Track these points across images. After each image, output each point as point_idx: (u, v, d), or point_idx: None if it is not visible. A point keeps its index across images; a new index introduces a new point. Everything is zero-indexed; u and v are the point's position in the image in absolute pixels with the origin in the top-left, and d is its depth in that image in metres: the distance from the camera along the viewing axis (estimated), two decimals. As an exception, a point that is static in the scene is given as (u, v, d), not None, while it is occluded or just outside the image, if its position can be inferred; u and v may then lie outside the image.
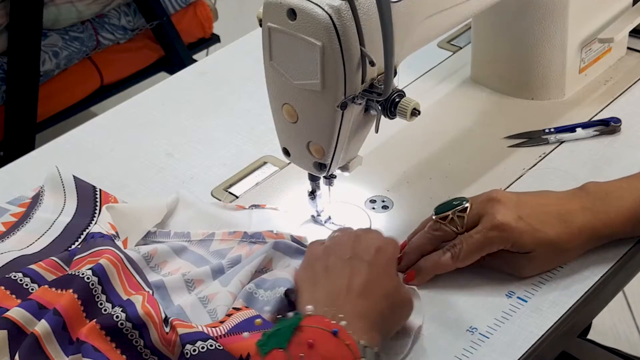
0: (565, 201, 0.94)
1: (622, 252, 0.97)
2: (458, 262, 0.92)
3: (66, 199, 1.05)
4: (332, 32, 0.84)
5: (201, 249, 1.00)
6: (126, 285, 0.91)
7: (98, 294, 0.88)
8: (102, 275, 0.89)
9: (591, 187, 0.96)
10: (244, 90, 1.29)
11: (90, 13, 2.22)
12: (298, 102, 0.91)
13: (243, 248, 0.98)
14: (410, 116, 0.89)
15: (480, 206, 0.93)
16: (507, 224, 0.90)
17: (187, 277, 0.95)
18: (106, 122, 1.26)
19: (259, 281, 0.91)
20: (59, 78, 2.22)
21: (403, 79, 1.06)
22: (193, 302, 0.91)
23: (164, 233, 1.02)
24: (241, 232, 1.00)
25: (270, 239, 0.97)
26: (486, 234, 0.91)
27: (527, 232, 0.91)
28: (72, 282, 0.88)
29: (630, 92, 1.21)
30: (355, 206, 1.06)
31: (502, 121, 1.18)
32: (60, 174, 1.07)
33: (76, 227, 1.02)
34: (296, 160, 0.98)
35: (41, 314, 0.86)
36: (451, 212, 0.93)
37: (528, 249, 0.91)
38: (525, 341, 0.88)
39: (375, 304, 0.84)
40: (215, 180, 1.12)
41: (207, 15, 2.46)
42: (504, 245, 0.91)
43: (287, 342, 0.76)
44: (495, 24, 1.19)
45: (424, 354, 0.88)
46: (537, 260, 0.92)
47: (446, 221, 0.93)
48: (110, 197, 1.06)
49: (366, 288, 0.85)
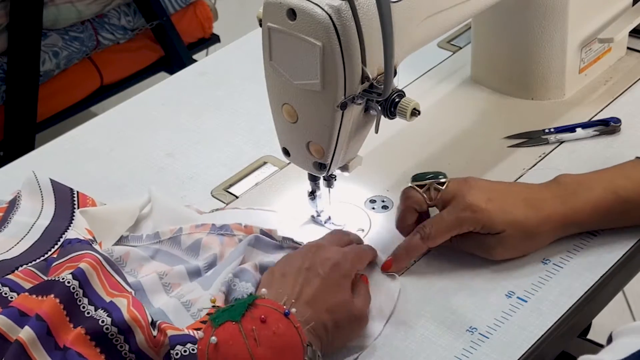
0: (537, 190, 0.97)
1: (622, 252, 0.97)
2: (428, 241, 0.94)
3: (44, 202, 1.05)
4: (332, 32, 0.84)
5: (174, 249, 1.00)
6: (107, 285, 0.91)
7: (79, 297, 0.88)
8: (83, 278, 0.88)
9: (564, 178, 0.98)
10: (244, 90, 1.29)
11: (90, 13, 2.22)
12: (298, 102, 0.91)
13: (213, 240, 0.98)
14: (410, 116, 0.89)
15: (456, 186, 0.95)
16: (477, 205, 0.93)
17: (164, 280, 0.95)
18: (106, 122, 1.26)
19: (238, 272, 0.92)
20: (59, 78, 2.22)
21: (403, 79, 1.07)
22: (176, 306, 0.92)
23: (136, 237, 1.02)
24: (209, 225, 1.00)
25: (239, 232, 0.99)
26: (457, 214, 0.93)
27: (496, 213, 0.93)
28: (53, 288, 0.87)
29: (630, 92, 1.21)
30: (355, 206, 1.06)
31: (502, 121, 1.18)
32: (37, 178, 1.06)
33: (55, 230, 1.01)
34: (296, 160, 0.98)
35: (23, 321, 0.85)
36: (429, 183, 0.96)
37: (498, 229, 0.93)
38: (525, 341, 0.88)
39: (319, 315, 0.86)
40: (215, 180, 1.13)
41: (207, 15, 2.46)
42: (473, 227, 0.93)
43: (240, 316, 0.78)
44: (495, 24, 1.19)
45: (424, 354, 0.88)
46: (507, 242, 0.94)
47: (422, 190, 0.96)
48: (88, 200, 1.05)
49: (313, 298, 0.87)
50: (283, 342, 0.78)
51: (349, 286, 0.91)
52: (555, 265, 0.96)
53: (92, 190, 1.11)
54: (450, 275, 0.95)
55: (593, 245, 0.97)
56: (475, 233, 0.94)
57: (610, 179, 0.96)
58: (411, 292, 0.94)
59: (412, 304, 0.93)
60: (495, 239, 0.94)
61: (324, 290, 0.88)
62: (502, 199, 0.94)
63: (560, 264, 0.96)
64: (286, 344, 0.79)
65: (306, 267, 0.90)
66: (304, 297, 0.87)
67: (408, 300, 0.94)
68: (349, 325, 0.89)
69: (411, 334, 0.90)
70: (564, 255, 0.97)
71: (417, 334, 0.90)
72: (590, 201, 0.95)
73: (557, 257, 0.96)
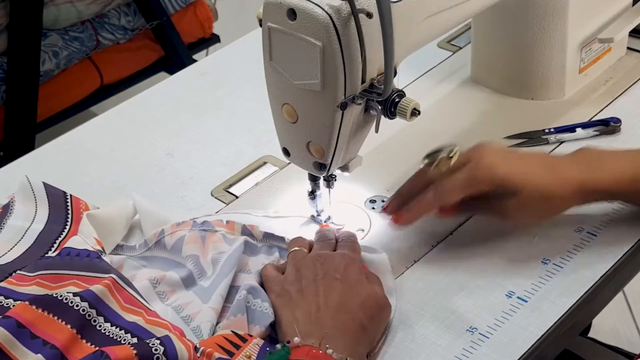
0: (556, 157, 0.96)
1: (622, 252, 0.97)
2: (442, 198, 0.92)
3: (37, 206, 1.04)
4: (332, 32, 0.84)
5: (162, 252, 0.99)
6: (121, 300, 0.90)
7: (94, 317, 0.87)
8: (94, 299, 0.88)
9: (585, 150, 0.97)
10: (244, 90, 1.29)
11: (90, 13, 2.22)
12: (298, 102, 0.91)
13: (195, 239, 0.98)
14: (410, 116, 0.89)
15: (469, 153, 0.93)
16: (493, 163, 0.91)
17: (157, 289, 0.95)
18: (106, 122, 1.26)
19: (252, 289, 0.91)
20: (59, 78, 2.22)
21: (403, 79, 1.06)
22: (174, 318, 0.91)
23: (130, 247, 1.02)
24: (189, 222, 1.00)
25: (220, 228, 0.98)
26: (471, 171, 0.91)
27: (513, 172, 0.90)
28: (63, 311, 0.86)
29: (630, 92, 1.21)
30: (355, 206, 1.06)
31: (502, 121, 1.18)
32: (30, 182, 1.05)
33: (49, 234, 1.01)
34: (296, 160, 0.98)
35: (21, 334, 0.84)
36: (439, 157, 0.93)
37: (514, 188, 0.90)
38: (525, 341, 0.88)
39: (354, 315, 0.86)
40: (215, 180, 1.13)
41: (207, 15, 2.46)
42: (488, 185, 0.91)
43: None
44: (495, 24, 1.19)
45: (424, 354, 0.88)
46: (524, 204, 0.91)
47: (434, 166, 0.94)
48: (82, 203, 1.04)
49: (342, 302, 0.86)
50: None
51: (365, 280, 0.90)
52: (555, 265, 0.96)
53: (92, 190, 1.12)
54: (450, 275, 0.95)
55: (593, 245, 0.97)
56: (490, 195, 0.91)
57: (634, 158, 0.95)
58: (411, 292, 0.94)
59: (412, 304, 0.93)
60: (512, 201, 0.91)
61: (349, 290, 0.88)
62: (519, 159, 0.92)
63: (560, 264, 0.96)
64: None
65: (321, 277, 0.89)
66: (332, 304, 0.86)
67: (408, 300, 0.94)
68: (380, 315, 0.88)
69: (411, 334, 0.90)
70: (564, 255, 0.97)
71: (417, 334, 0.90)
72: (612, 170, 0.93)
73: (557, 257, 0.96)
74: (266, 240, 0.99)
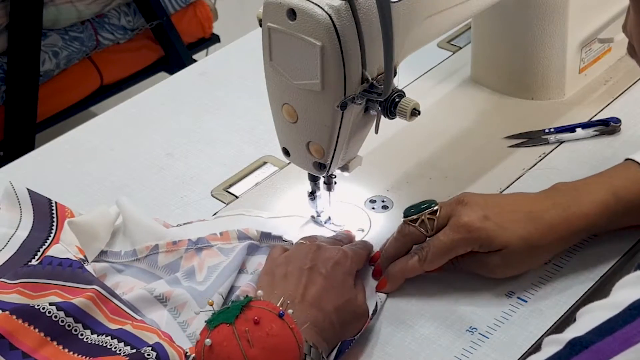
0: (535, 201, 0.94)
1: (622, 252, 0.97)
2: (425, 264, 0.92)
3: (22, 213, 1.03)
4: (332, 32, 0.84)
5: (152, 267, 0.98)
6: (107, 312, 0.90)
7: (74, 327, 0.87)
8: (78, 312, 0.88)
9: (560, 186, 0.96)
10: (244, 91, 1.29)
11: (90, 13, 2.22)
12: (298, 102, 0.91)
13: (192, 257, 0.97)
14: (410, 116, 0.89)
15: (449, 209, 0.92)
16: (472, 224, 0.90)
17: (155, 293, 0.93)
18: (106, 122, 1.26)
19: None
20: (59, 78, 2.22)
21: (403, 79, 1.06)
22: (170, 322, 0.91)
23: (114, 253, 1.01)
24: (185, 241, 0.98)
25: (216, 242, 0.98)
26: (452, 235, 0.91)
27: (494, 231, 0.90)
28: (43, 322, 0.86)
29: (630, 92, 1.21)
30: (355, 206, 1.06)
31: (502, 121, 1.18)
32: (14, 189, 1.04)
33: (33, 242, 1.00)
34: (296, 160, 0.98)
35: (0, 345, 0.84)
36: (421, 215, 0.93)
37: (497, 247, 0.90)
38: (525, 341, 0.88)
39: (326, 315, 0.86)
40: (215, 180, 1.13)
41: (207, 15, 2.46)
42: (471, 246, 0.91)
43: (234, 317, 0.78)
44: (495, 24, 1.19)
45: (424, 354, 0.88)
46: (510, 259, 0.91)
47: (416, 224, 0.93)
48: (67, 211, 1.03)
49: (319, 299, 0.87)
50: (277, 343, 0.78)
51: (352, 284, 0.91)
52: (555, 265, 0.96)
53: (92, 190, 1.12)
54: (450, 275, 0.95)
55: (593, 245, 0.97)
56: (476, 252, 0.92)
57: (609, 182, 0.94)
58: (411, 292, 0.94)
59: (412, 304, 0.93)
60: (497, 257, 0.91)
61: (329, 289, 0.88)
62: (500, 214, 0.91)
63: (560, 264, 0.96)
64: (280, 345, 0.78)
65: (308, 267, 0.89)
66: (308, 297, 0.87)
67: (408, 300, 0.94)
68: (353, 322, 0.89)
69: (411, 334, 0.90)
70: (563, 255, 0.97)
71: (417, 334, 0.90)
72: (592, 205, 0.93)
73: (557, 257, 0.96)
74: (265, 240, 0.99)
